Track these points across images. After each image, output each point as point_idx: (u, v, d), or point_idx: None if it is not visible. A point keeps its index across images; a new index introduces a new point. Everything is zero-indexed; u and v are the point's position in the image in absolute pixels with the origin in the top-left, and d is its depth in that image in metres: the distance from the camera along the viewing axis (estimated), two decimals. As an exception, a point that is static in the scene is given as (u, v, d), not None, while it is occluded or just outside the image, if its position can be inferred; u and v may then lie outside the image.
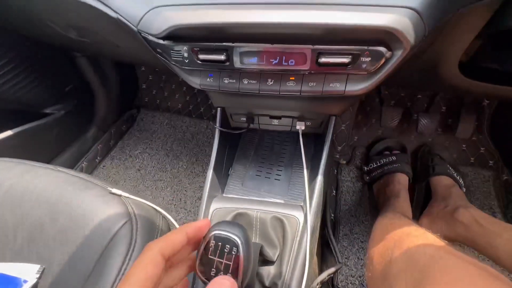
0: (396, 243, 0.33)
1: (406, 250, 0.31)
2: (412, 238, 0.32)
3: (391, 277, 0.30)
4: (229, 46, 0.34)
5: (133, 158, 1.00)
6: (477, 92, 0.48)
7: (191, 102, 1.09)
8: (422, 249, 0.30)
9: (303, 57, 0.33)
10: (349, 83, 0.35)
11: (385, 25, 0.29)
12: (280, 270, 0.39)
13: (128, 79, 1.07)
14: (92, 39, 0.55)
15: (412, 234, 0.34)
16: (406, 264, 0.29)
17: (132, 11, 0.35)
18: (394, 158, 0.78)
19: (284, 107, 0.45)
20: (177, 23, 0.33)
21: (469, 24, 0.35)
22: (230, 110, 0.53)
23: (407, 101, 0.93)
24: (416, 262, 0.28)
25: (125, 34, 0.42)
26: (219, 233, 0.23)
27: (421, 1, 0.29)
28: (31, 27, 0.60)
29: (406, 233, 0.34)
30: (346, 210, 0.82)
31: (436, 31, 0.33)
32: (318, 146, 0.52)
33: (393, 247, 0.33)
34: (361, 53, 0.32)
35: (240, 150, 0.60)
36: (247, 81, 0.38)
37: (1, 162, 0.49)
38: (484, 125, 0.86)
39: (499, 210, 0.79)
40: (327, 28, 0.31)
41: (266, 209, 0.43)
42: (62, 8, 0.44)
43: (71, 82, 0.88)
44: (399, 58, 0.32)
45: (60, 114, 0.85)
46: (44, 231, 0.39)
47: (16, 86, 0.72)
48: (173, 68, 0.40)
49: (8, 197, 0.42)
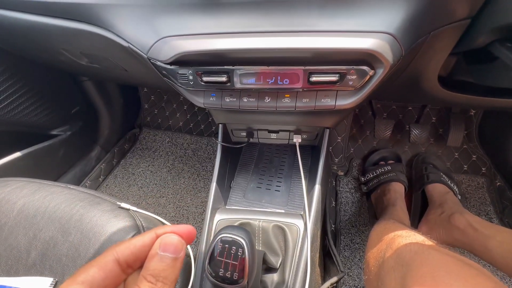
0: (388, 245, 0.35)
1: (396, 249, 0.33)
2: (401, 239, 0.35)
3: (383, 275, 0.32)
4: (230, 69, 0.38)
5: (136, 176, 1.03)
6: (457, 102, 0.52)
7: (191, 120, 1.13)
8: (409, 247, 0.32)
9: (296, 77, 0.37)
10: (339, 98, 0.39)
11: (367, 48, 0.33)
12: (283, 277, 0.40)
13: (131, 100, 1.12)
14: (102, 65, 0.59)
15: (402, 236, 0.36)
16: (395, 262, 0.31)
17: (142, 40, 0.40)
18: (389, 168, 0.81)
19: (281, 121, 0.49)
20: (183, 51, 0.37)
21: (442, 43, 0.39)
22: (231, 126, 0.57)
23: (399, 113, 0.97)
24: (403, 259, 0.30)
25: (134, 60, 0.46)
26: (226, 236, 0.26)
27: (397, 27, 0.33)
28: (44, 55, 0.65)
29: (397, 235, 0.37)
30: (346, 220, 0.83)
31: (413, 51, 0.37)
32: (314, 157, 0.55)
33: (385, 249, 0.35)
34: (347, 72, 0.36)
35: (241, 164, 0.63)
36: (246, 99, 0.41)
37: (13, 182, 0.51)
38: (473, 134, 0.90)
39: (495, 216, 0.81)
40: (317, 51, 0.35)
41: (267, 218, 0.45)
42: (77, 38, 0.49)
43: (77, 105, 0.92)
44: (381, 75, 0.36)
45: (66, 135, 0.89)
46: (57, 247, 0.41)
47: (26, 110, 0.75)
48: (179, 90, 0.44)
49: (22, 215, 0.44)
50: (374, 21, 0.33)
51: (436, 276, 0.25)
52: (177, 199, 0.94)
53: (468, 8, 0.34)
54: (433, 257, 0.28)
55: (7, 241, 0.42)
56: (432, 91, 0.50)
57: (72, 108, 0.90)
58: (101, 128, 1.02)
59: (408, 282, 0.26)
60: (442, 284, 0.24)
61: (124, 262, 0.20)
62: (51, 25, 0.47)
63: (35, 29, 0.49)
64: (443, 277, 0.25)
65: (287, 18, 0.35)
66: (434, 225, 0.69)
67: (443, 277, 0.25)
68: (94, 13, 0.41)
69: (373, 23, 0.33)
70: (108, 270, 0.20)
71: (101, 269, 0.20)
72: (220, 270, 0.25)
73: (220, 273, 0.25)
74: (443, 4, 0.33)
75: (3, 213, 0.44)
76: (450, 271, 0.26)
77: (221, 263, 0.25)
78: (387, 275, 0.31)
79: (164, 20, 0.38)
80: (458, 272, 0.25)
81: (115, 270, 0.20)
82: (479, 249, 0.56)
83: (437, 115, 0.94)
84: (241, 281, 0.25)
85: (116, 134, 1.07)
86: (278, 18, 0.35)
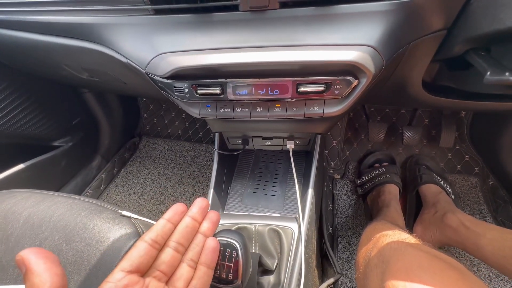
0: (374, 244, 0.37)
1: (379, 248, 0.35)
2: (385, 238, 0.37)
3: (368, 272, 0.34)
4: (223, 82, 0.41)
5: (136, 184, 1.04)
6: (443, 106, 0.55)
7: (190, 128, 1.15)
8: (390, 245, 0.34)
9: (286, 87, 0.40)
10: (327, 106, 0.41)
11: (350, 60, 0.36)
12: (279, 279, 0.42)
13: (130, 109, 1.14)
14: (102, 78, 0.62)
15: (387, 235, 0.38)
16: (378, 259, 0.33)
17: (141, 56, 0.42)
18: (383, 170, 0.83)
19: (274, 129, 0.51)
20: (179, 66, 0.39)
21: (422, 52, 0.42)
22: (226, 134, 0.59)
23: (392, 116, 1.00)
24: (384, 256, 0.33)
25: (133, 74, 0.48)
26: (221, 239, 0.27)
27: (377, 40, 0.36)
28: (47, 70, 0.67)
29: (383, 235, 0.39)
30: (343, 223, 0.85)
31: (395, 60, 0.40)
32: (308, 162, 0.57)
33: (371, 248, 0.37)
34: (333, 82, 0.38)
35: (238, 170, 0.65)
36: (239, 109, 0.44)
37: (18, 193, 0.53)
38: (465, 134, 0.93)
39: (489, 214, 0.83)
40: (304, 64, 0.37)
41: (263, 222, 0.47)
42: (78, 54, 0.52)
43: (78, 116, 0.94)
44: (365, 84, 0.38)
45: (67, 146, 0.91)
46: (61, 255, 0.43)
47: (29, 123, 0.78)
48: (176, 101, 0.46)
49: (27, 225, 0.46)
50: (356, 35, 0.36)
51: (409, 270, 0.28)
52: (177, 206, 0.96)
53: (443, 21, 0.36)
54: (409, 253, 0.30)
55: (14, 251, 0.43)
56: (417, 96, 0.52)
57: (73, 120, 0.93)
58: (102, 138, 1.04)
59: (386, 276, 0.29)
60: (413, 276, 0.27)
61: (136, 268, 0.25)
62: (54, 43, 0.49)
63: (39, 47, 0.52)
64: (414, 270, 0.27)
65: (276, 33, 0.37)
66: (428, 225, 0.71)
67: (415, 270, 0.27)
68: (95, 32, 0.44)
69: (355, 36, 0.36)
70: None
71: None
72: (216, 271, 0.27)
73: (216, 274, 0.27)
74: (419, 18, 0.35)
75: (9, 223, 0.46)
76: (421, 265, 0.28)
77: (217, 264, 0.27)
78: (371, 272, 0.33)
79: (161, 38, 0.40)
80: (428, 265, 0.28)
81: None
82: (471, 247, 0.58)
83: (429, 117, 0.96)
84: (235, 281, 0.27)
85: (116, 143, 1.09)
86: (267, 33, 0.38)
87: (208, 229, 0.29)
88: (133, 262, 0.25)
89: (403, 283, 0.26)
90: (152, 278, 0.26)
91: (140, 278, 0.25)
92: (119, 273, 0.24)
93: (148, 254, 0.26)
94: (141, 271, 0.25)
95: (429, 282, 0.25)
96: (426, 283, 0.25)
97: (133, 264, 0.25)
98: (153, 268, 0.26)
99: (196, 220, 0.29)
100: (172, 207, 0.30)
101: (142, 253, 0.26)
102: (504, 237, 0.52)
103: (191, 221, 0.29)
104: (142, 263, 0.25)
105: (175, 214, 0.29)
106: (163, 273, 0.26)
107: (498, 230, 0.55)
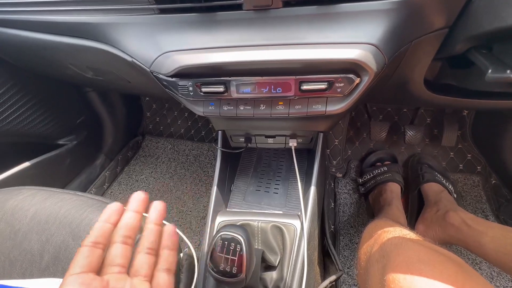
0: (375, 240, 0.38)
1: (380, 244, 0.35)
2: (386, 234, 0.37)
3: (369, 267, 0.35)
4: (227, 80, 0.41)
5: (139, 183, 1.05)
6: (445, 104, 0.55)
7: (192, 127, 1.16)
8: (391, 240, 0.35)
9: (288, 85, 0.40)
10: (329, 104, 0.42)
11: (352, 58, 0.36)
12: (281, 275, 0.43)
13: (133, 108, 1.15)
14: (106, 77, 0.63)
15: (388, 231, 0.38)
16: (379, 254, 0.34)
17: (145, 55, 0.43)
18: (385, 168, 0.83)
19: (277, 127, 0.52)
20: (183, 64, 0.40)
21: (424, 50, 0.42)
22: (229, 132, 0.60)
23: (394, 115, 1.00)
24: (385, 251, 0.33)
25: (137, 73, 0.49)
26: (226, 234, 0.28)
27: (379, 38, 0.36)
28: (52, 69, 0.68)
29: (384, 231, 0.39)
30: (345, 221, 0.85)
31: (397, 59, 0.40)
32: (310, 160, 0.58)
33: (373, 244, 0.38)
34: (336, 80, 0.39)
35: (240, 168, 0.66)
36: (243, 107, 0.44)
37: (25, 190, 0.54)
38: (467, 133, 0.93)
39: (491, 213, 0.83)
40: (307, 62, 0.38)
41: (266, 219, 0.47)
42: (84, 53, 0.52)
43: (82, 115, 0.95)
44: (367, 82, 0.39)
45: (72, 145, 0.92)
46: (68, 250, 0.43)
47: (34, 122, 0.79)
48: (180, 99, 0.47)
49: (34, 221, 0.47)
50: (359, 33, 0.36)
51: (409, 263, 0.28)
52: (180, 204, 0.97)
53: (445, 19, 0.37)
54: (409, 248, 0.31)
55: (21, 246, 0.44)
56: (419, 94, 0.52)
57: (77, 118, 0.94)
58: (105, 137, 1.05)
59: (387, 270, 0.29)
60: (413, 270, 0.27)
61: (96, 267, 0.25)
62: (59, 43, 0.50)
63: (45, 46, 0.52)
64: (415, 263, 0.28)
65: (279, 32, 0.38)
66: (430, 223, 0.71)
67: (415, 263, 0.28)
68: (100, 31, 0.45)
69: (358, 35, 0.36)
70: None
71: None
72: (220, 265, 0.27)
73: (220, 268, 0.27)
74: (421, 16, 0.36)
75: (17, 220, 0.47)
76: (421, 258, 0.29)
77: (221, 258, 0.27)
78: (372, 267, 0.34)
79: (166, 37, 0.41)
80: (428, 259, 0.28)
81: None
82: (473, 245, 0.58)
83: (431, 116, 0.96)
84: (239, 274, 0.27)
85: (120, 142, 1.10)
86: (270, 32, 0.38)
87: (156, 218, 0.29)
88: (81, 264, 0.24)
89: (403, 276, 0.27)
90: (110, 275, 0.25)
91: (96, 276, 0.24)
92: (71, 277, 0.23)
93: (94, 254, 0.25)
94: (93, 271, 0.25)
95: (429, 275, 0.26)
96: (426, 276, 0.26)
97: (82, 265, 0.24)
98: (108, 266, 0.25)
99: (138, 212, 0.29)
100: (106, 208, 0.28)
101: (87, 254, 0.25)
102: (506, 235, 0.52)
103: (133, 214, 0.28)
104: (92, 262, 0.25)
105: (111, 214, 0.28)
106: (120, 266, 0.26)
107: (500, 228, 0.56)
